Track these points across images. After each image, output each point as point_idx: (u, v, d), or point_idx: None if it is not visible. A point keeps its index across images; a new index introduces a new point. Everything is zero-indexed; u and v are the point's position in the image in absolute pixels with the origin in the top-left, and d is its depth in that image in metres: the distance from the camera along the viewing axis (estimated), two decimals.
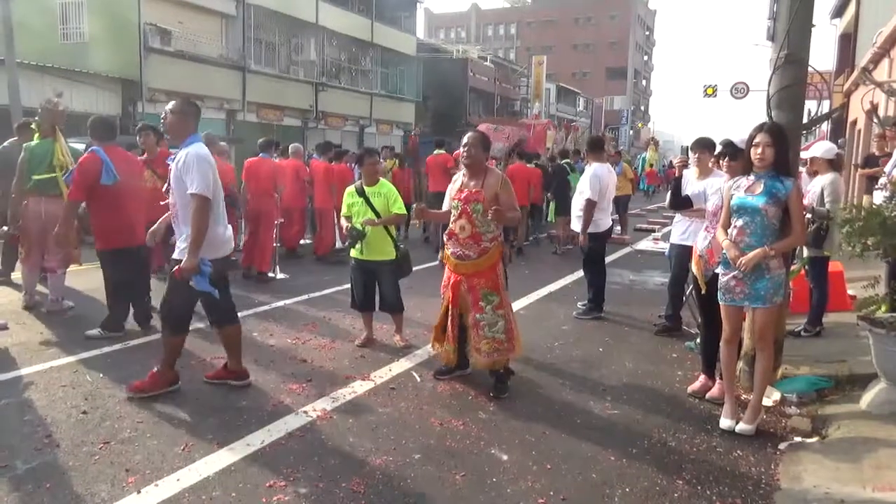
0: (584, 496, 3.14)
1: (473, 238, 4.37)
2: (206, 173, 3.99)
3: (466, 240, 4.38)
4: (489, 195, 4.31)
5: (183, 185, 4.02)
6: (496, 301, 4.42)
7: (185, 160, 4.02)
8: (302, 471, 3.28)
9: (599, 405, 4.29)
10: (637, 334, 6.11)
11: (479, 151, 4.42)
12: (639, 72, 79.51)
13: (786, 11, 4.43)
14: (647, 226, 15.75)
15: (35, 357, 4.88)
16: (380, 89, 31.58)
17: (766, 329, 3.81)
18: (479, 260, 4.38)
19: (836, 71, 22.77)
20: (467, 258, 4.40)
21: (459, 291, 4.46)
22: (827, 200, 5.47)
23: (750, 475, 3.36)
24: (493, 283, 4.42)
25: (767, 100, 4.57)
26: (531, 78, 46.77)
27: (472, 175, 4.45)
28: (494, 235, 4.42)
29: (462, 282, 4.44)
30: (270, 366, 4.86)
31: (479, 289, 4.40)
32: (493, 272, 4.43)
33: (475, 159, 4.41)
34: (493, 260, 4.42)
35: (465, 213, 4.37)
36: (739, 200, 3.79)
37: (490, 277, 4.41)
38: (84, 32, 19.61)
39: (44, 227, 5.88)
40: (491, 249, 4.40)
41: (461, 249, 4.41)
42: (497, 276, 4.44)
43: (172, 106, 4.22)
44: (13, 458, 3.32)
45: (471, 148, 4.40)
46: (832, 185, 5.51)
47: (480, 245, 4.37)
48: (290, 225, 9.70)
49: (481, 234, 4.36)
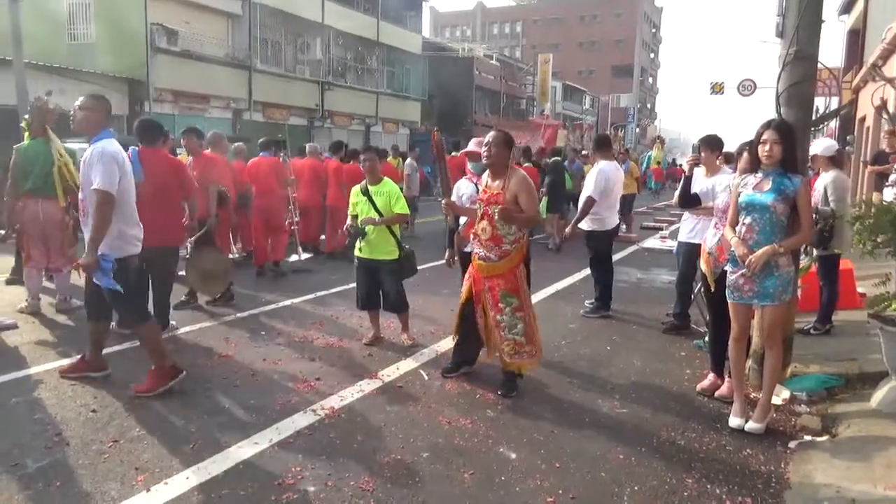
0: (592, 495, 3.13)
1: (494, 240, 4.31)
2: (110, 169, 3.99)
3: (488, 241, 4.33)
4: (510, 197, 4.22)
5: (89, 180, 4.03)
6: (515, 303, 4.35)
7: (91, 156, 4.03)
8: (310, 469, 3.28)
9: (608, 404, 4.28)
10: (645, 332, 6.09)
11: (500, 150, 4.28)
12: (645, 69, 79.27)
13: (795, 7, 4.40)
14: (654, 224, 15.69)
15: (44, 356, 4.91)
16: (385, 88, 31.58)
17: (775, 327, 3.79)
18: (499, 263, 4.32)
19: (844, 67, 22.61)
20: (488, 260, 4.36)
21: (481, 288, 4.43)
22: (831, 199, 5.43)
23: (760, 474, 3.35)
24: (512, 286, 4.34)
25: (776, 97, 4.54)
26: (537, 76, 46.68)
27: (494, 175, 4.36)
28: (516, 238, 4.33)
29: (483, 281, 4.41)
30: (278, 364, 4.87)
31: (498, 290, 4.35)
32: (513, 275, 4.35)
33: (496, 159, 4.29)
34: (513, 263, 4.34)
35: (486, 214, 4.32)
36: (747, 198, 3.76)
37: (509, 280, 4.34)
38: (91, 33, 19.70)
39: (43, 228, 5.90)
40: (512, 253, 4.32)
41: (483, 251, 4.37)
42: (517, 279, 4.36)
43: (82, 101, 4.20)
44: (24, 456, 3.34)
45: (491, 147, 4.29)
46: (834, 184, 5.46)
47: (501, 247, 4.31)
48: (307, 223, 9.90)
49: (502, 237, 4.29)
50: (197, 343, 5.38)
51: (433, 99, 35.35)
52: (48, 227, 5.95)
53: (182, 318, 5.95)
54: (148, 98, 19.23)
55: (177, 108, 20.36)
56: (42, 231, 5.95)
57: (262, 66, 23.87)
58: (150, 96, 19.24)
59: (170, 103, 20.17)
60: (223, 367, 4.79)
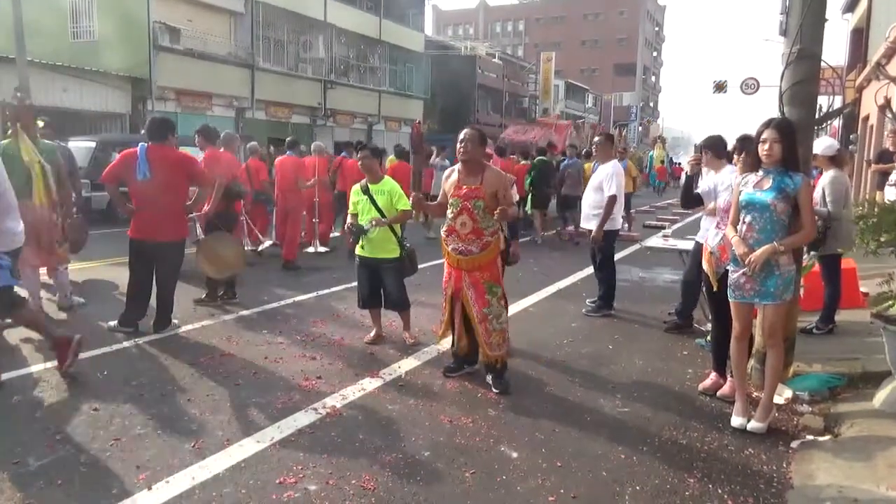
0: (594, 494, 3.12)
1: (475, 233, 4.41)
2: None
3: (468, 235, 4.41)
4: (489, 192, 4.36)
5: None
6: (499, 292, 4.52)
7: None
8: (312, 467, 3.29)
9: (609, 403, 4.27)
10: (647, 332, 6.08)
11: (475, 147, 4.42)
12: (648, 68, 79.14)
13: (798, 6, 4.38)
14: (656, 223, 15.67)
15: (45, 354, 4.91)
16: (388, 86, 31.59)
17: (777, 326, 3.78)
18: (482, 254, 4.44)
19: (847, 66, 22.57)
20: (469, 253, 4.44)
21: (462, 286, 4.50)
22: (828, 200, 5.41)
23: (762, 473, 3.34)
24: (494, 275, 4.52)
25: (780, 95, 4.53)
26: (539, 75, 46.64)
27: (468, 172, 4.46)
28: (495, 229, 4.50)
29: (464, 276, 4.48)
30: (280, 363, 4.87)
31: (483, 282, 4.45)
32: (494, 264, 4.53)
33: (471, 155, 4.41)
34: (494, 253, 4.51)
35: (465, 209, 4.40)
36: (748, 196, 3.75)
37: (492, 270, 4.50)
38: (94, 31, 19.73)
39: (31, 228, 5.89)
40: (492, 243, 4.47)
41: (463, 245, 4.44)
42: (497, 268, 4.56)
43: None
44: (25, 454, 3.34)
45: (467, 143, 4.39)
46: (832, 185, 5.43)
47: (482, 240, 4.42)
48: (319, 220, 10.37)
49: (483, 230, 4.42)
50: (199, 341, 5.39)
51: (435, 97, 35.34)
52: (36, 226, 5.92)
53: (184, 317, 5.95)
54: (151, 96, 19.26)
55: (179, 106, 20.38)
56: (31, 230, 5.95)
57: (264, 65, 23.90)
58: (152, 94, 19.27)
59: (172, 101, 20.20)
60: (225, 365, 4.79)
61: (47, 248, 5.99)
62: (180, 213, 5.56)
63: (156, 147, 5.42)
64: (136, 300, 5.48)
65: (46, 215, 5.92)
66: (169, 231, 5.42)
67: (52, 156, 5.98)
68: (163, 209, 5.36)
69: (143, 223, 5.38)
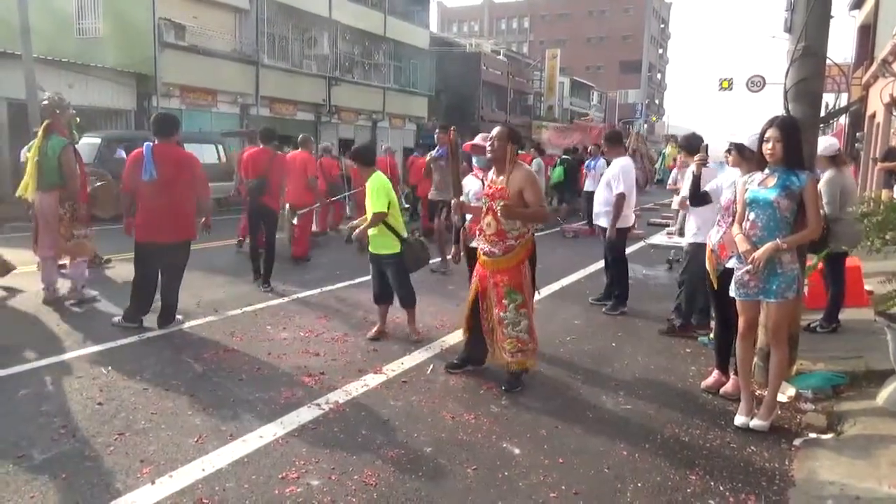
0: (596, 490, 3.13)
1: (498, 235, 4.31)
2: None
3: (492, 237, 4.33)
4: (514, 190, 4.23)
5: None
6: (519, 300, 4.34)
7: None
8: (314, 463, 3.30)
9: (612, 400, 4.28)
10: (650, 329, 6.06)
11: (503, 145, 4.30)
12: (653, 65, 78.83)
13: (803, 3, 4.36)
14: (661, 220, 15.63)
15: (52, 348, 4.94)
16: (392, 83, 31.53)
17: (780, 324, 3.77)
18: (504, 258, 4.32)
19: (854, 63, 22.43)
20: (492, 255, 4.36)
21: (487, 285, 4.43)
22: (823, 201, 5.37)
23: (764, 471, 3.34)
24: (516, 282, 4.34)
25: (784, 93, 4.51)
26: (544, 72, 46.57)
27: (498, 170, 4.38)
28: (521, 233, 4.33)
29: (489, 276, 4.41)
30: (283, 359, 4.89)
31: (503, 286, 4.33)
32: (518, 271, 4.34)
33: (498, 153, 4.31)
34: (518, 258, 4.34)
35: (490, 209, 4.32)
36: (752, 194, 3.75)
37: (514, 276, 4.33)
38: (99, 28, 19.74)
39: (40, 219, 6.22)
40: (516, 248, 4.32)
41: (488, 246, 4.38)
42: (521, 275, 4.35)
43: None
44: (30, 448, 3.37)
45: (495, 141, 4.31)
46: (828, 185, 5.39)
47: (505, 242, 4.31)
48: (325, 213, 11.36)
49: (506, 232, 4.29)
50: (203, 337, 5.41)
51: (440, 94, 35.29)
52: (44, 217, 6.18)
53: (188, 313, 5.97)
54: (156, 93, 19.28)
55: (184, 102, 20.40)
56: (40, 221, 6.23)
57: (269, 62, 23.88)
58: (157, 91, 19.29)
59: (177, 98, 20.22)
60: (228, 361, 4.81)
61: (50, 239, 6.09)
62: (186, 213, 5.55)
63: (161, 145, 5.43)
64: (141, 297, 5.50)
65: (53, 208, 6.10)
66: (174, 232, 5.41)
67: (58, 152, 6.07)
68: (168, 210, 5.36)
69: (149, 225, 5.37)
